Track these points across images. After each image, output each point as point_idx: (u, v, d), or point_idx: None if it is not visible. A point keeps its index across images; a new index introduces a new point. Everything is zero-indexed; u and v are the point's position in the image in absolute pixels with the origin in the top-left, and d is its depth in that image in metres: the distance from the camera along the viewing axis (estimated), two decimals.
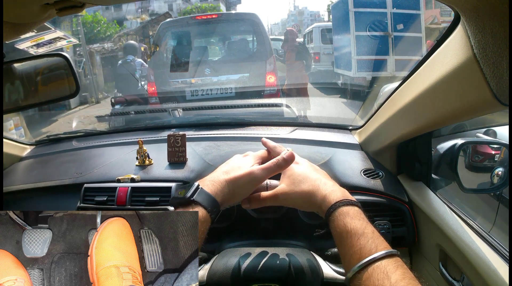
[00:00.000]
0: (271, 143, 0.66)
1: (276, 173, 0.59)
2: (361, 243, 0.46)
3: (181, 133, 1.02)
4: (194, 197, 0.51)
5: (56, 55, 0.86)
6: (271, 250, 0.71)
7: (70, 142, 1.34)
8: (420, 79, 0.67)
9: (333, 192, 0.53)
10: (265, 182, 0.74)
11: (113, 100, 3.46)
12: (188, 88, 3.68)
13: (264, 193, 0.59)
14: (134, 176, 0.93)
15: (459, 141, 0.85)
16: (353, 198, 0.54)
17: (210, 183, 0.54)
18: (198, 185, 0.53)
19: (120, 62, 4.48)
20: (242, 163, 0.59)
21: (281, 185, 0.59)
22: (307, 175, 0.57)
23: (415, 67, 0.70)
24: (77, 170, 1.05)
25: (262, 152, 0.65)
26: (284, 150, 0.61)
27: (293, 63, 4.37)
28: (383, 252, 0.44)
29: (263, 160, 0.62)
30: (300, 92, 4.06)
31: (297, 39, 4.73)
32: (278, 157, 0.59)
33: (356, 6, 6.03)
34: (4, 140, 1.20)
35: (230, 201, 0.56)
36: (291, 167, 0.60)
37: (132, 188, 0.90)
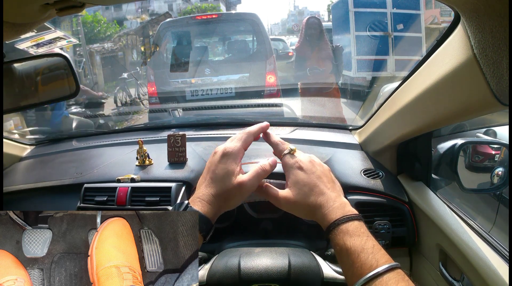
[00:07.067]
0: (274, 138, 0.62)
1: (264, 178, 0.57)
2: (361, 260, 0.46)
3: (181, 133, 1.02)
4: None
5: (56, 55, 0.87)
6: (271, 250, 0.70)
7: (70, 142, 1.34)
8: (420, 79, 0.67)
9: (334, 209, 0.52)
10: (263, 181, 0.74)
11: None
12: (188, 88, 3.68)
13: (269, 188, 0.57)
14: (134, 176, 0.93)
15: (459, 141, 0.85)
16: (354, 210, 0.52)
17: (199, 202, 0.53)
18: (188, 204, 0.52)
19: None
20: (225, 169, 0.55)
21: (286, 191, 0.56)
22: (313, 187, 0.55)
23: (415, 67, 0.70)
24: (77, 170, 1.05)
25: (238, 145, 0.57)
26: (287, 148, 0.60)
27: (324, 67, 3.05)
28: (384, 266, 0.44)
29: (246, 146, 0.58)
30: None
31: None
32: (265, 164, 0.57)
33: (356, 6, 6.02)
34: (4, 140, 1.20)
35: (221, 212, 0.55)
36: (297, 172, 0.56)
37: (132, 188, 0.90)
